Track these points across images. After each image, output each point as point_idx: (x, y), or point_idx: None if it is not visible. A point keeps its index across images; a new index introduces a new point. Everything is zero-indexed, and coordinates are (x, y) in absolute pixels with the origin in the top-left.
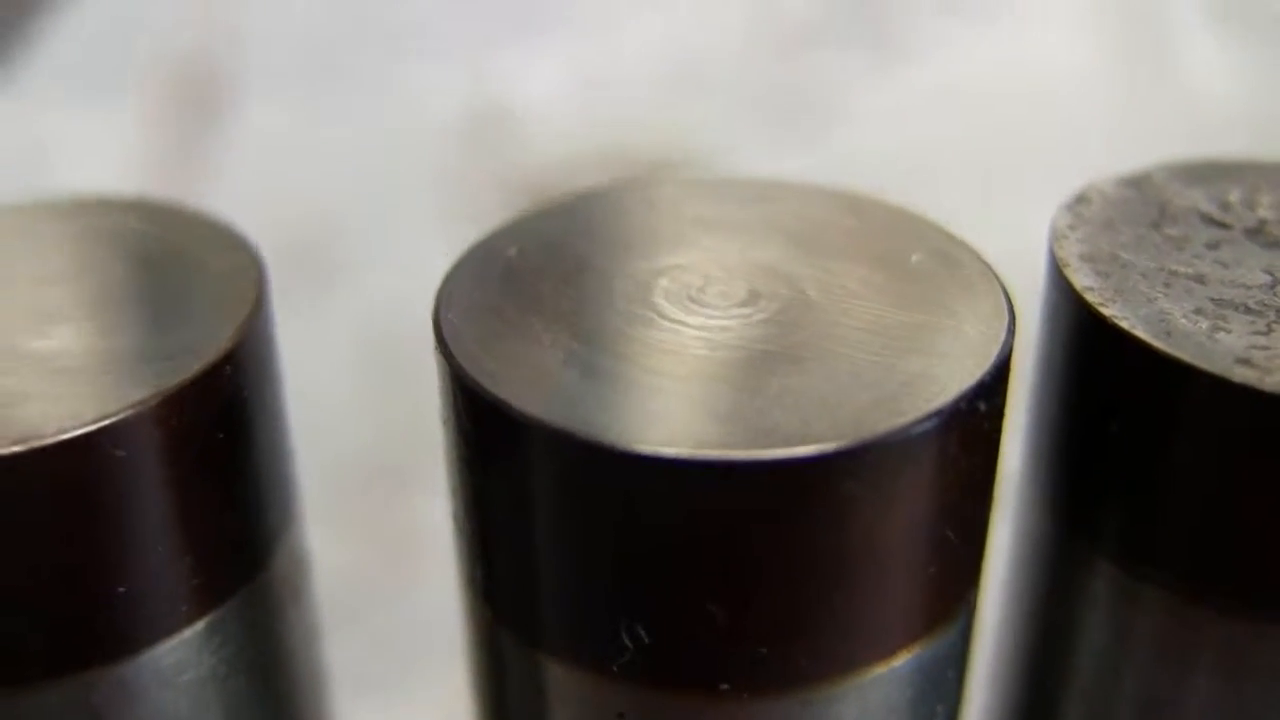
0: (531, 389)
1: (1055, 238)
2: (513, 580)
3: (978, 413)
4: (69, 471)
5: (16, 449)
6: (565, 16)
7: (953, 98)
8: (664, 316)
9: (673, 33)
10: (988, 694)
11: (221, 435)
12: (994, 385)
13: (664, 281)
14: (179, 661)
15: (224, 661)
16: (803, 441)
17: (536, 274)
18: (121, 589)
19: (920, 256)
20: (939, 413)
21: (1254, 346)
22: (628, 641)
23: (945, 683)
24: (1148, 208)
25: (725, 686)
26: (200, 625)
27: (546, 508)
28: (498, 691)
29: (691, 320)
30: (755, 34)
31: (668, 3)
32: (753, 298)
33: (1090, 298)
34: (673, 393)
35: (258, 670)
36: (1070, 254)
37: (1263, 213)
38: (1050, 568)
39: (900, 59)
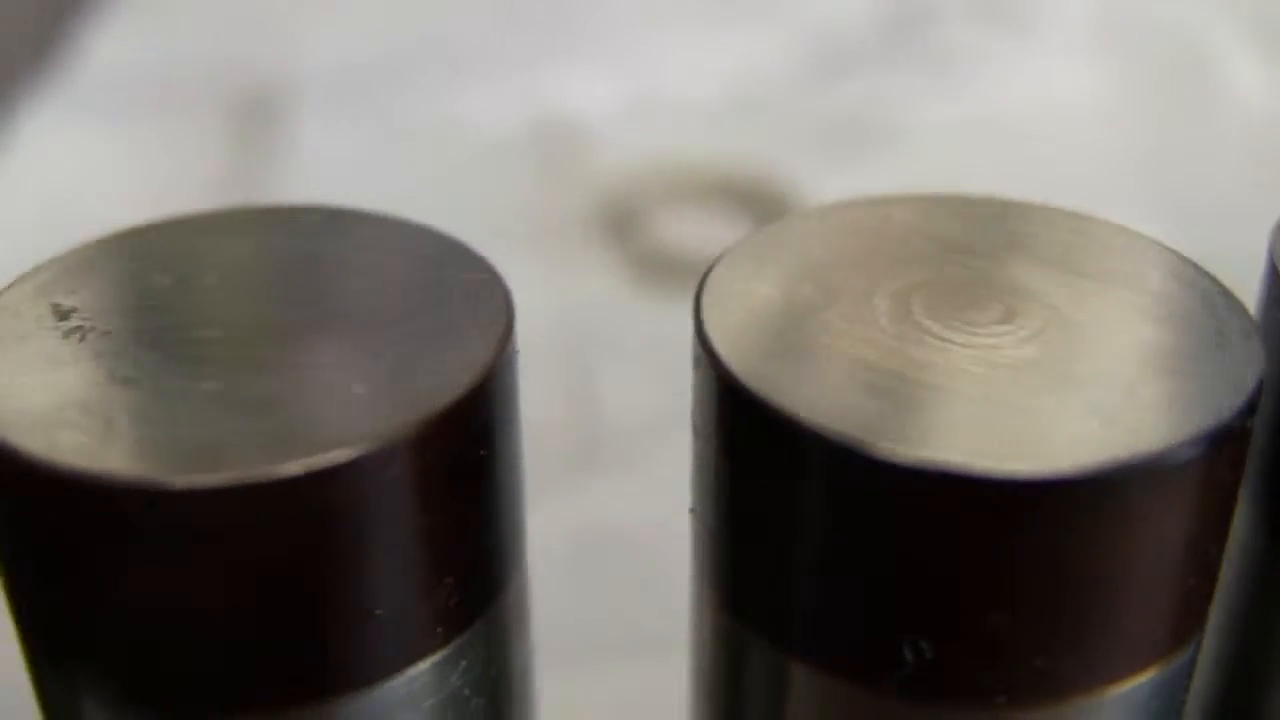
0: (812, 401)
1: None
2: (778, 594)
3: (1245, 430)
4: (344, 492)
5: (296, 471)
6: (621, 38)
7: (1005, 121)
8: (930, 334)
9: (728, 55)
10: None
11: (482, 453)
12: (1255, 403)
13: (919, 300)
14: (427, 684)
15: (468, 684)
16: (1083, 458)
17: (793, 289)
18: (379, 611)
19: (1161, 275)
20: (1214, 430)
21: None
22: (909, 656)
23: (1177, 697)
24: None
25: (1001, 699)
26: (451, 647)
27: (833, 523)
28: (737, 702)
29: (958, 338)
30: (808, 56)
31: (723, 26)
32: (1009, 315)
33: None
34: (954, 408)
35: (494, 692)
36: None
37: None
38: (1263, 584)
39: (954, 82)
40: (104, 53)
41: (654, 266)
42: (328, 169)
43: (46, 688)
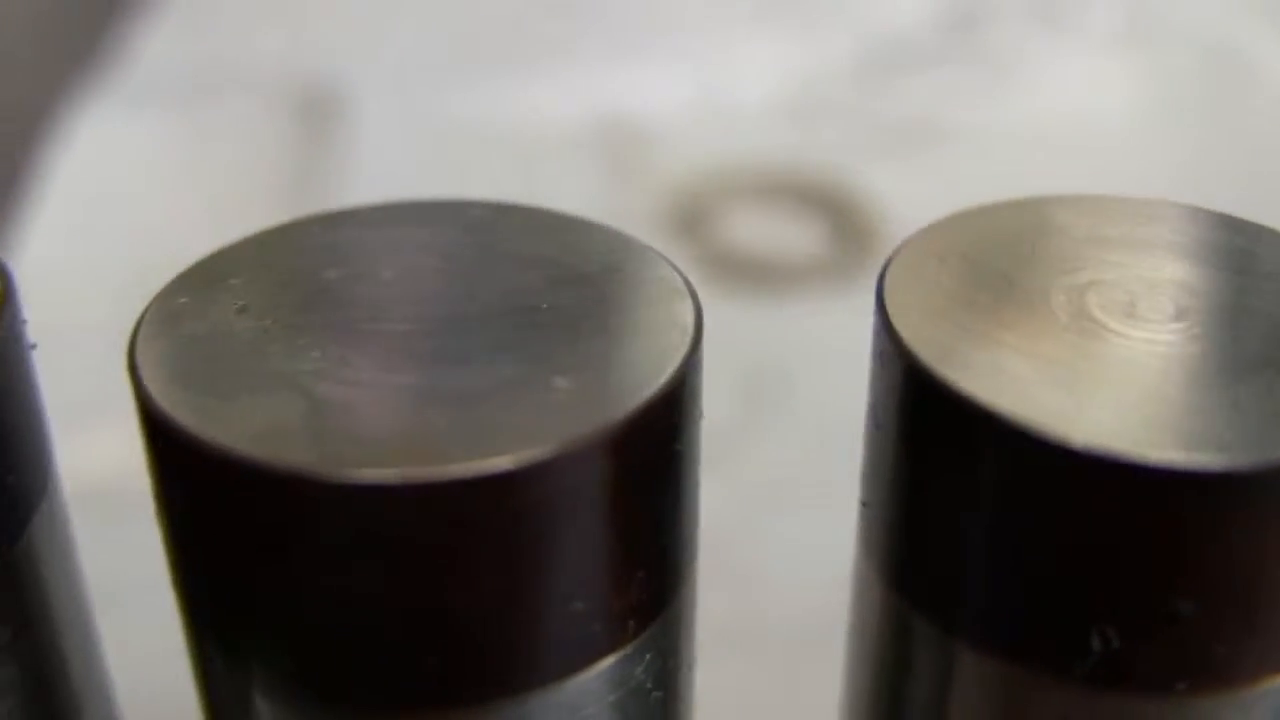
0: (1000, 389)
1: None
2: (959, 584)
3: None
4: (550, 487)
5: (506, 467)
6: (683, 39)
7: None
8: (1108, 329)
9: (787, 55)
10: None
11: (677, 449)
12: None
13: (1092, 297)
14: (614, 678)
15: (650, 676)
16: (1262, 451)
17: (970, 284)
18: (578, 605)
19: None
20: None
21: None
22: (1096, 644)
23: None
24: None
25: (1181, 686)
26: (640, 639)
27: (1024, 512)
28: (904, 692)
29: (1135, 334)
30: (867, 55)
31: (782, 26)
32: (1182, 313)
33: None
34: (1134, 400)
35: (672, 684)
36: None
37: None
38: None
39: (1010, 82)
40: (159, 48)
41: (722, 266)
42: (389, 167)
43: (219, 684)
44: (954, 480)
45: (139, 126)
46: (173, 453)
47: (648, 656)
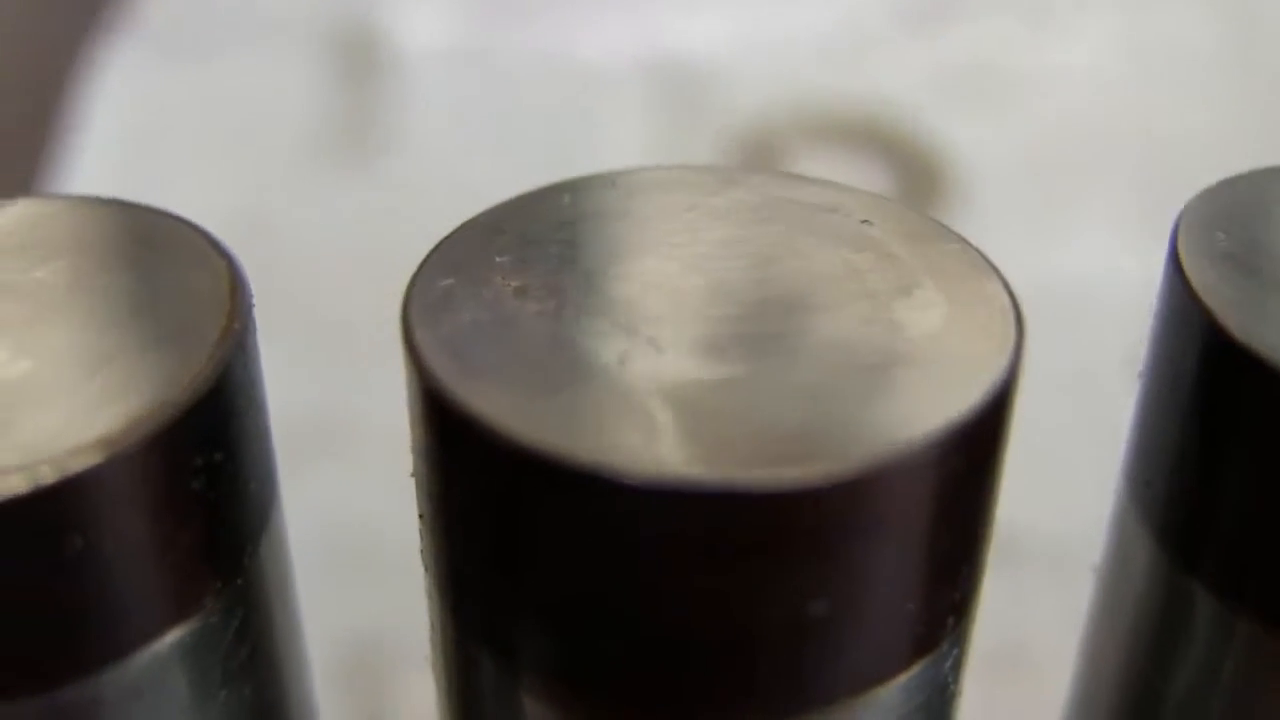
0: None
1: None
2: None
3: None
4: (897, 490)
5: (864, 469)
6: None
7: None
8: None
9: None
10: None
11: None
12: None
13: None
14: (927, 677)
15: (953, 671)
16: None
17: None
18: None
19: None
20: None
21: None
22: None
23: None
24: None
25: None
26: (953, 636)
27: None
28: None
29: None
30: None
31: None
32: None
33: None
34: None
35: (961, 678)
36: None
37: None
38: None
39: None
40: None
41: None
42: (436, 111)
43: (480, 688)
44: (1256, 450)
45: (172, 73)
46: (471, 450)
47: (955, 652)
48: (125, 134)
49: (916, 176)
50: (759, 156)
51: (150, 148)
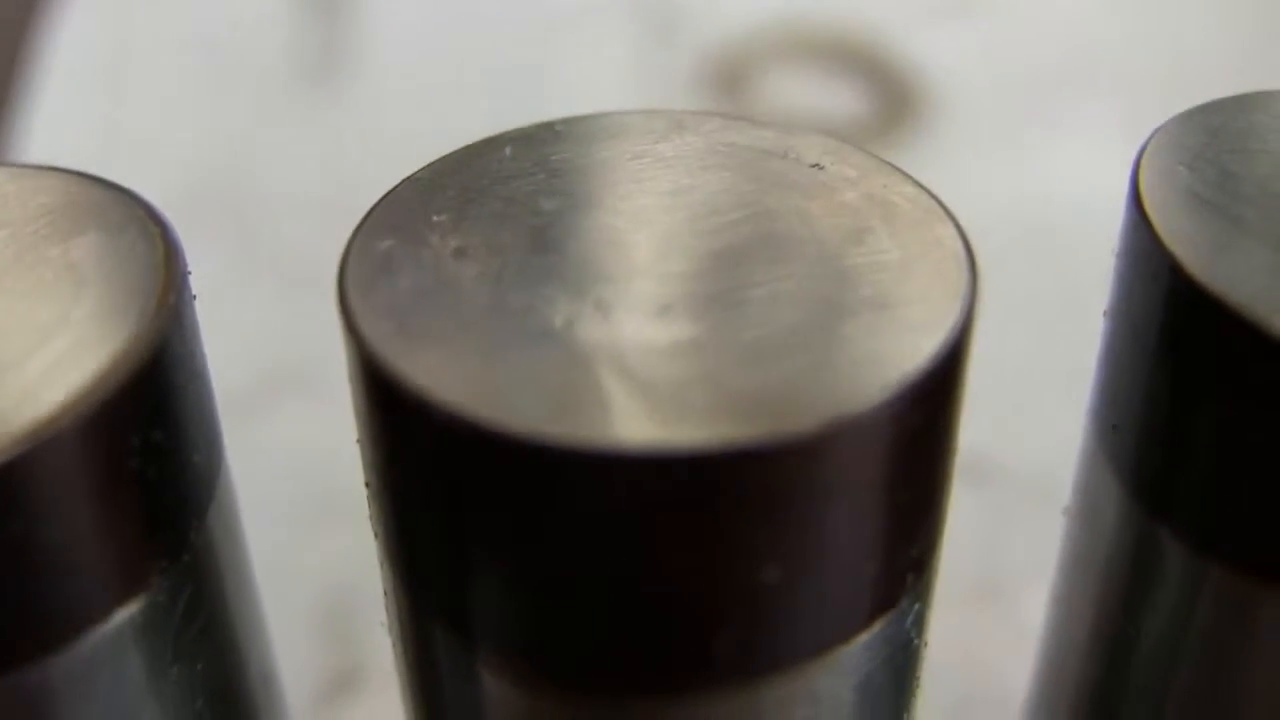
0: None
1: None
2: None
3: None
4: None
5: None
6: None
7: None
8: None
9: None
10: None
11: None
12: None
13: None
14: (890, 634)
15: (915, 626)
16: None
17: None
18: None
19: None
20: None
21: None
22: None
23: None
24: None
25: None
26: (913, 592)
27: None
28: (1135, 593)
29: None
30: None
31: None
32: None
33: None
34: None
35: (925, 631)
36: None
37: None
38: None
39: None
40: None
41: None
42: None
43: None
44: (1222, 395)
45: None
46: (413, 423)
47: (916, 607)
48: (94, 66)
49: (892, 95)
50: (734, 78)
51: (118, 80)
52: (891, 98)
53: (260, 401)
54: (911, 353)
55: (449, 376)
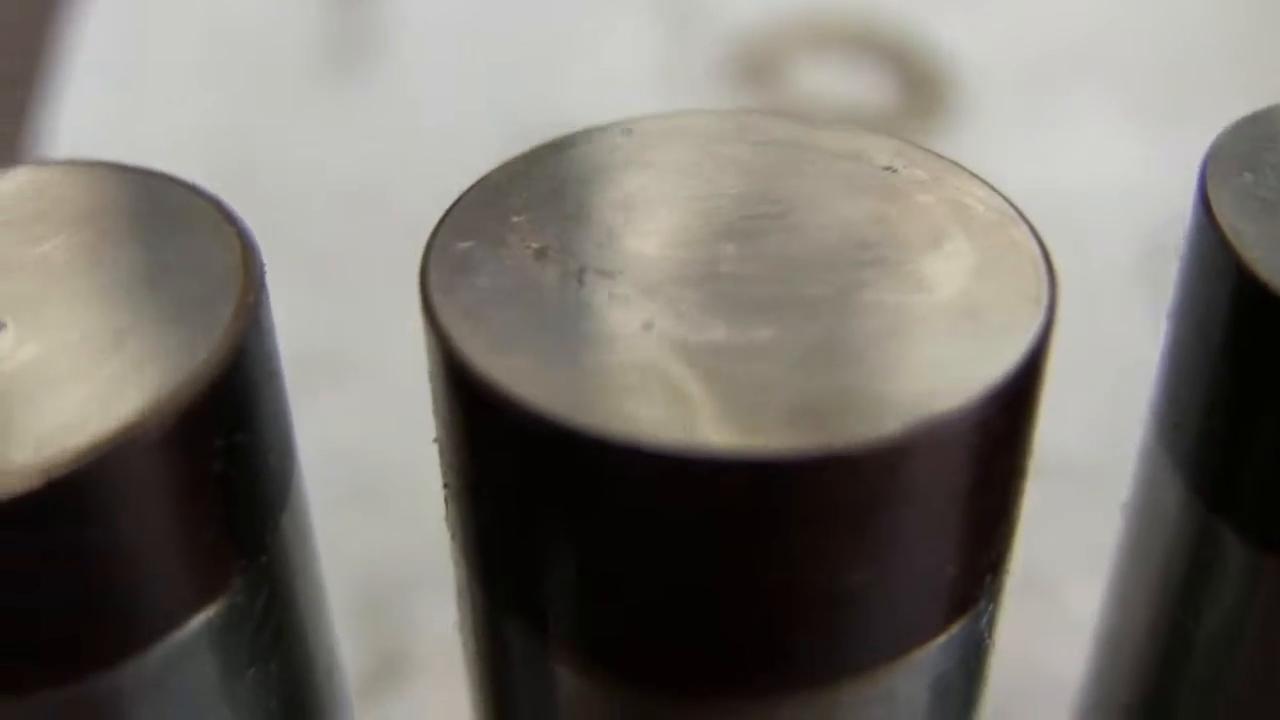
0: None
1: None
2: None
3: None
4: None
5: (908, 433)
6: None
7: None
8: None
9: None
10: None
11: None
12: None
13: None
14: (967, 635)
15: (988, 625)
16: None
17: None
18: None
19: None
20: None
21: None
22: None
23: None
24: None
25: None
26: (990, 592)
27: None
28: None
29: None
30: None
31: None
32: None
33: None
34: None
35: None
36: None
37: None
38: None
39: None
40: None
41: None
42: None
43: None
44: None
45: None
46: (497, 423)
47: (990, 608)
48: (119, 54)
49: (917, 83)
50: (758, 65)
51: (143, 69)
52: (914, 86)
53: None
54: (996, 357)
55: (533, 376)
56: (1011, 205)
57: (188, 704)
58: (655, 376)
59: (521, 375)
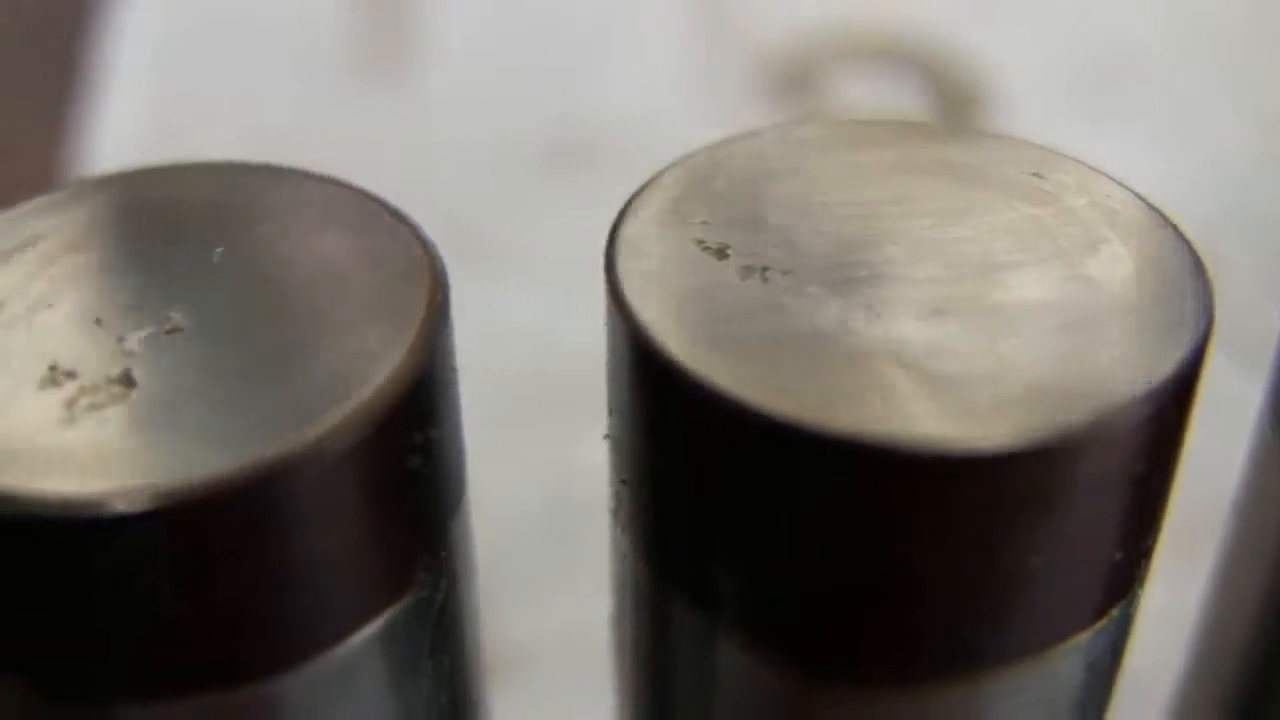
0: None
1: None
2: None
3: None
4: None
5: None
6: None
7: None
8: None
9: None
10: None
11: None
12: None
13: None
14: (1121, 621)
15: (1133, 610)
16: None
17: None
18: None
19: None
20: None
21: None
22: None
23: None
24: None
25: None
26: (1130, 597)
27: None
28: None
29: None
30: None
31: None
32: None
33: None
34: None
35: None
36: None
37: None
38: None
39: None
40: None
41: None
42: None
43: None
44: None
45: None
46: (697, 414)
47: (1140, 592)
48: (158, 51)
49: (950, 95)
50: (793, 77)
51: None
52: (948, 98)
53: None
54: (1167, 351)
55: (731, 369)
56: (1153, 208)
57: (370, 700)
58: (862, 373)
59: (727, 370)
